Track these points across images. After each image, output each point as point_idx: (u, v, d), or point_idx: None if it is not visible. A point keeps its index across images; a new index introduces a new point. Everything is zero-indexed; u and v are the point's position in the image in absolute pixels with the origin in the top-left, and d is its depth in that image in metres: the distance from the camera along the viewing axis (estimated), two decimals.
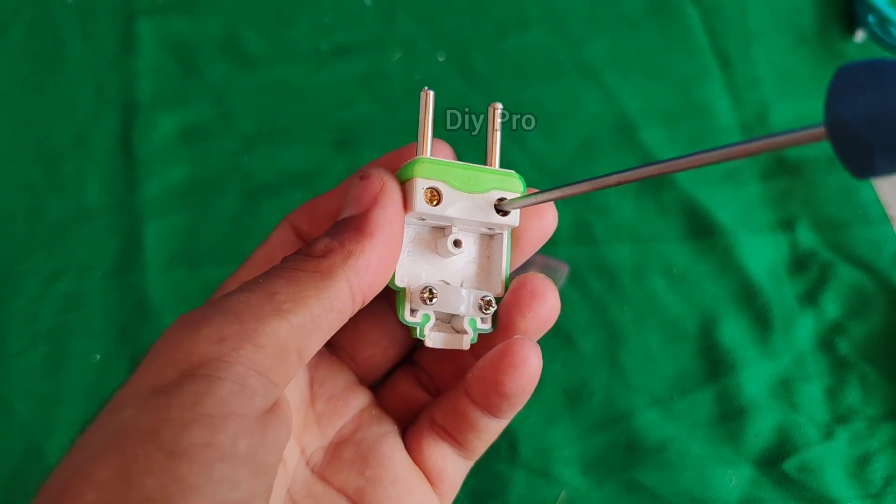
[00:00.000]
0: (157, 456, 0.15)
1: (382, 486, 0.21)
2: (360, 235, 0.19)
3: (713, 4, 0.48)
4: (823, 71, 0.47)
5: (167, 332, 0.17)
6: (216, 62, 0.47)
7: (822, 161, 0.44)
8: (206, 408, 0.16)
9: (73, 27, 0.47)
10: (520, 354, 0.20)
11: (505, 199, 0.21)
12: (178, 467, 0.15)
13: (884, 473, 0.38)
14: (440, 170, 0.21)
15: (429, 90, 0.21)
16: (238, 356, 0.16)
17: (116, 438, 0.15)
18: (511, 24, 0.48)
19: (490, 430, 0.22)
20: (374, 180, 0.20)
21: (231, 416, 0.16)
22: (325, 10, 0.48)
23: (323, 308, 0.18)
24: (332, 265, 0.18)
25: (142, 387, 0.16)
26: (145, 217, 0.43)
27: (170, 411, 0.15)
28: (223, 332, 0.16)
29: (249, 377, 0.16)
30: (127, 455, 0.15)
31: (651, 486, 0.38)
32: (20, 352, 0.40)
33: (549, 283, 0.22)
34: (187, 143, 0.45)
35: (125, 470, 0.15)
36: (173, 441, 0.15)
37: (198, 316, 0.17)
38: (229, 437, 0.16)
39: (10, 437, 0.39)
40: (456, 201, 0.21)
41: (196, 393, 0.16)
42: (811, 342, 0.41)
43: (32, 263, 0.42)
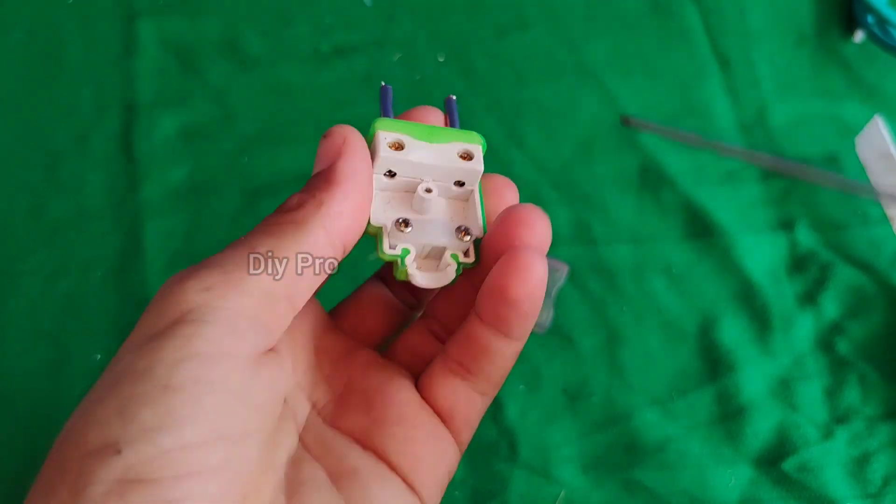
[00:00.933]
0: (153, 391, 0.16)
1: (387, 425, 0.21)
2: (329, 184, 0.20)
3: (712, 5, 0.48)
4: (823, 71, 0.47)
5: (158, 291, 0.18)
6: (216, 62, 0.47)
7: (821, 161, 0.44)
8: (196, 347, 0.17)
9: (74, 28, 0.48)
10: (524, 258, 0.20)
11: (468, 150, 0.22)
12: (172, 400, 0.16)
13: (883, 473, 0.38)
14: (401, 126, 0.22)
15: (387, 85, 0.23)
16: (225, 302, 0.17)
17: (116, 382, 0.17)
18: (510, 24, 0.48)
19: (503, 354, 0.22)
20: (335, 136, 0.21)
21: (221, 355, 0.17)
22: (326, 11, 0.48)
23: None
24: (307, 214, 0.19)
25: (137, 338, 0.18)
26: (146, 217, 0.43)
27: (162, 352, 0.17)
28: (209, 281, 0.18)
29: (238, 321, 0.17)
30: (124, 393, 0.16)
31: (650, 485, 0.38)
32: (20, 352, 0.40)
33: (539, 209, 0.21)
34: (188, 143, 0.45)
35: (123, 406, 0.16)
36: (167, 377, 0.16)
37: (185, 272, 0.18)
38: (220, 373, 0.17)
39: (10, 437, 0.39)
40: (418, 149, 0.21)
41: (186, 335, 0.17)
42: (810, 342, 0.41)
43: (33, 263, 0.42)
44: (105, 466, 0.15)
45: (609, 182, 0.44)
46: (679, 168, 0.44)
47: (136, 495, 0.15)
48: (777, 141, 0.45)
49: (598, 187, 0.44)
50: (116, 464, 0.15)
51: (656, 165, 0.44)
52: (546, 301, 0.40)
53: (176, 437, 0.16)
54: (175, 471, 0.16)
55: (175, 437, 0.16)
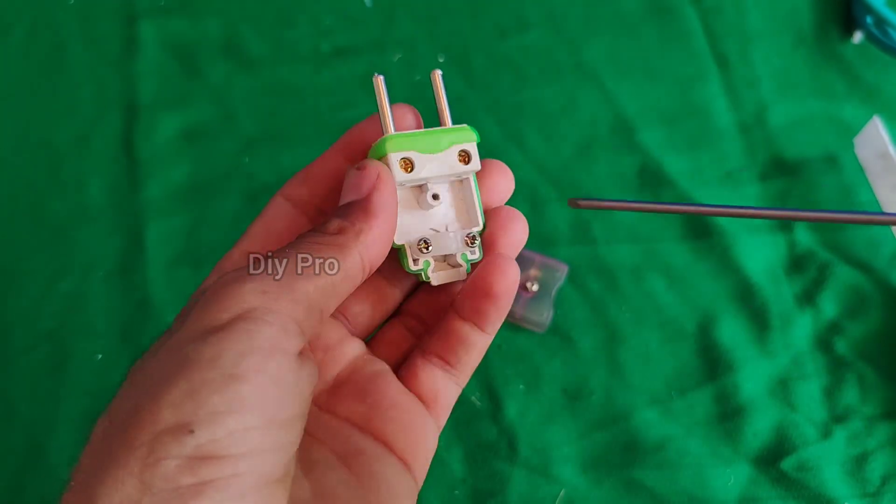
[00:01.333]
0: (221, 379, 0.18)
1: (383, 410, 0.24)
2: (367, 215, 0.23)
3: (712, 6, 0.48)
4: (821, 72, 0.47)
5: (216, 287, 0.20)
6: (217, 63, 0.47)
7: (820, 162, 0.44)
8: (258, 342, 0.19)
9: (75, 29, 0.48)
10: (503, 262, 0.24)
11: (465, 150, 0.26)
12: (239, 387, 0.18)
13: (881, 472, 0.38)
14: (407, 141, 0.25)
15: (378, 76, 0.25)
16: (279, 306, 0.20)
17: (183, 366, 0.18)
18: (510, 25, 0.48)
19: (477, 346, 0.25)
20: (370, 171, 0.23)
21: (279, 350, 0.19)
22: (326, 12, 0.48)
23: (341, 276, 0.22)
24: (347, 241, 0.22)
25: (198, 328, 0.19)
26: (147, 217, 0.43)
27: (229, 344, 0.19)
28: (266, 286, 0.20)
29: (288, 323, 0.20)
30: (194, 379, 0.18)
31: (650, 484, 0.38)
32: (22, 351, 0.41)
33: (518, 212, 0.26)
34: (188, 143, 0.45)
35: (194, 390, 0.18)
36: (233, 366, 0.18)
37: (242, 273, 0.21)
38: (278, 366, 0.19)
39: (12, 436, 0.39)
40: (426, 163, 0.25)
41: (249, 331, 0.19)
42: (809, 342, 0.41)
43: (35, 263, 0.42)
44: (178, 444, 0.17)
45: (609, 182, 0.44)
46: (678, 168, 0.44)
47: (206, 469, 0.17)
48: (776, 141, 0.45)
49: (598, 187, 0.44)
50: (189, 442, 0.17)
51: (656, 165, 0.44)
52: (546, 301, 0.40)
53: (241, 420, 0.18)
54: (239, 449, 0.18)
55: (240, 421, 0.18)
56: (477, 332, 0.25)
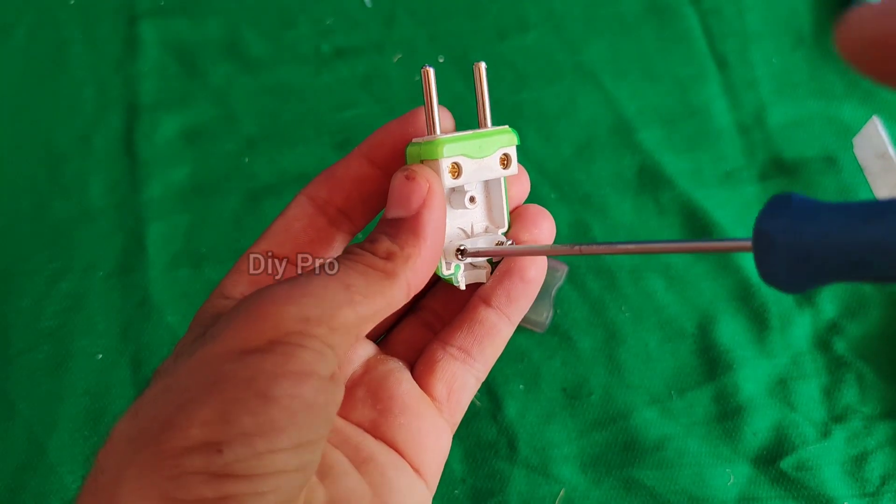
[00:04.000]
0: (254, 400, 0.18)
1: (393, 416, 0.24)
2: (416, 238, 0.22)
3: (711, 6, 0.49)
4: (821, 72, 0.47)
5: (254, 305, 0.20)
6: (218, 64, 0.47)
7: (819, 162, 0.45)
8: (293, 366, 0.19)
9: (76, 29, 0.48)
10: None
11: (507, 153, 0.25)
12: (271, 410, 0.18)
13: (880, 472, 0.38)
14: (457, 146, 0.24)
15: (428, 67, 0.24)
16: (317, 332, 0.20)
17: (217, 384, 0.18)
18: (510, 26, 0.48)
19: (503, 335, 0.25)
20: (420, 182, 0.22)
21: (313, 375, 0.19)
22: (326, 13, 0.48)
23: (385, 303, 0.21)
24: (396, 267, 0.22)
25: (234, 347, 0.19)
26: (148, 217, 0.43)
27: (264, 366, 0.19)
28: (307, 312, 0.20)
29: (325, 349, 0.20)
30: (227, 398, 0.18)
31: (649, 484, 0.38)
32: (23, 351, 0.41)
33: (545, 210, 0.26)
34: (189, 143, 0.45)
35: (226, 410, 0.18)
36: (267, 389, 0.18)
37: (283, 293, 0.20)
38: (311, 391, 0.19)
39: (12, 435, 0.39)
40: (472, 168, 0.24)
41: (285, 354, 0.19)
42: (808, 342, 0.41)
43: (36, 263, 0.42)
44: (206, 462, 0.17)
45: (608, 182, 0.44)
46: (678, 168, 0.44)
47: (229, 486, 0.18)
48: (775, 141, 0.45)
49: (598, 188, 0.44)
50: (216, 461, 0.17)
51: (655, 166, 0.44)
52: (545, 300, 0.40)
53: (270, 442, 0.18)
54: (265, 469, 0.18)
55: (270, 443, 0.18)
56: (504, 320, 0.25)
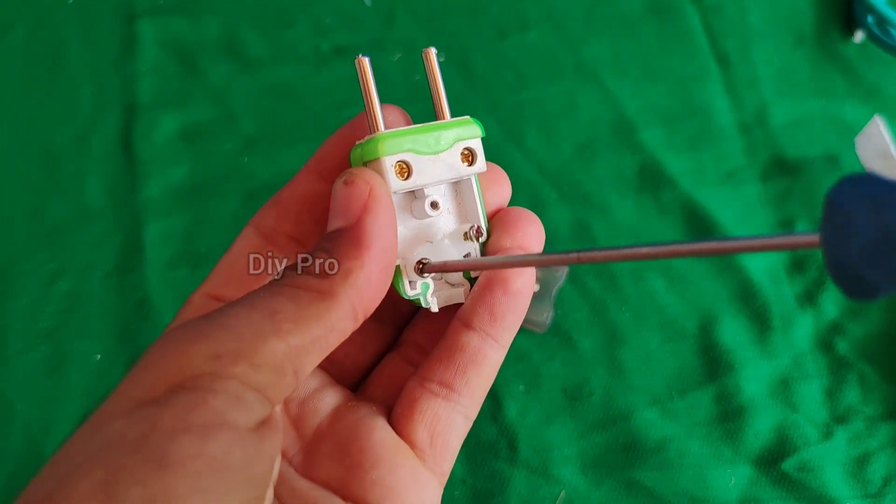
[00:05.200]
0: (145, 466, 0.14)
1: (364, 471, 0.20)
2: (357, 249, 0.18)
3: (712, 5, 0.48)
4: (822, 71, 0.47)
5: (157, 345, 0.17)
6: (217, 63, 0.47)
7: (821, 161, 0.44)
8: (197, 418, 0.15)
9: (74, 28, 0.48)
10: (520, 251, 0.20)
11: (468, 148, 0.21)
12: (167, 478, 0.14)
13: (883, 473, 0.38)
14: (402, 141, 0.20)
15: (363, 57, 0.22)
16: (233, 372, 0.16)
17: (102, 450, 0.15)
18: (510, 25, 0.48)
19: (490, 361, 0.21)
20: (360, 185, 0.19)
21: (224, 427, 0.15)
22: (326, 11, 0.48)
23: (323, 329, 0.17)
24: (333, 285, 0.18)
25: (130, 398, 0.16)
26: (146, 217, 0.43)
27: (160, 421, 0.15)
28: (220, 348, 0.16)
29: (245, 392, 0.16)
30: (112, 466, 0.15)
31: (650, 485, 0.38)
32: (21, 351, 0.40)
33: (530, 213, 0.21)
34: (188, 143, 0.45)
35: (110, 481, 0.14)
36: (162, 451, 0.15)
37: (193, 330, 0.17)
38: (222, 447, 0.15)
39: (10, 437, 0.39)
40: (426, 166, 0.20)
41: (188, 403, 0.15)
42: (810, 342, 0.41)
43: (33, 264, 0.42)
44: None
45: (609, 182, 0.44)
46: (679, 168, 0.44)
47: None
48: (777, 141, 0.45)
49: (598, 187, 0.44)
50: None
51: (656, 165, 0.44)
52: (546, 301, 0.40)
53: None
54: None
55: None
56: (489, 344, 0.20)
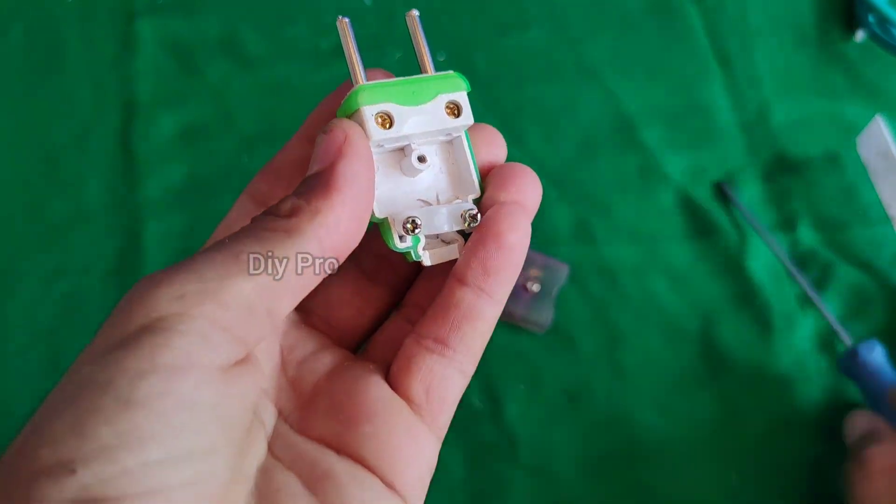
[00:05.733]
0: (113, 406, 0.15)
1: (358, 425, 0.20)
2: (327, 190, 0.18)
3: (713, 4, 0.48)
4: (824, 71, 0.47)
5: (128, 294, 0.17)
6: (216, 62, 0.47)
7: (822, 161, 0.44)
8: (164, 358, 0.15)
9: (73, 27, 0.47)
10: (514, 210, 0.20)
11: (453, 101, 0.21)
12: (135, 416, 0.15)
13: None
14: (383, 91, 0.21)
15: (343, 18, 0.22)
16: (199, 311, 0.16)
17: (72, 394, 0.16)
18: (511, 23, 0.48)
19: (485, 317, 0.20)
20: (336, 133, 0.19)
21: (192, 367, 0.16)
22: (325, 10, 0.48)
23: (293, 269, 0.17)
24: (300, 223, 0.18)
25: (99, 345, 0.16)
26: (145, 217, 0.43)
27: (126, 363, 0.15)
28: (184, 289, 0.16)
29: (212, 332, 0.16)
30: (82, 408, 0.15)
31: (651, 485, 0.38)
32: (20, 352, 0.40)
33: (526, 168, 0.21)
34: (187, 142, 0.45)
35: (79, 422, 0.15)
36: (129, 391, 0.15)
37: (158, 275, 0.17)
38: (189, 386, 0.16)
39: (8, 438, 0.39)
40: (408, 117, 0.21)
41: (153, 345, 0.16)
42: (811, 342, 0.41)
43: (32, 263, 0.42)
44: (57, 486, 0.14)
45: (610, 182, 0.44)
46: (680, 168, 0.44)
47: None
48: (778, 140, 0.45)
49: (599, 187, 0.44)
50: (70, 484, 0.14)
51: (657, 165, 0.44)
52: (546, 301, 0.40)
53: (138, 454, 0.15)
54: (137, 489, 0.15)
55: (137, 455, 0.15)
56: (483, 299, 0.20)
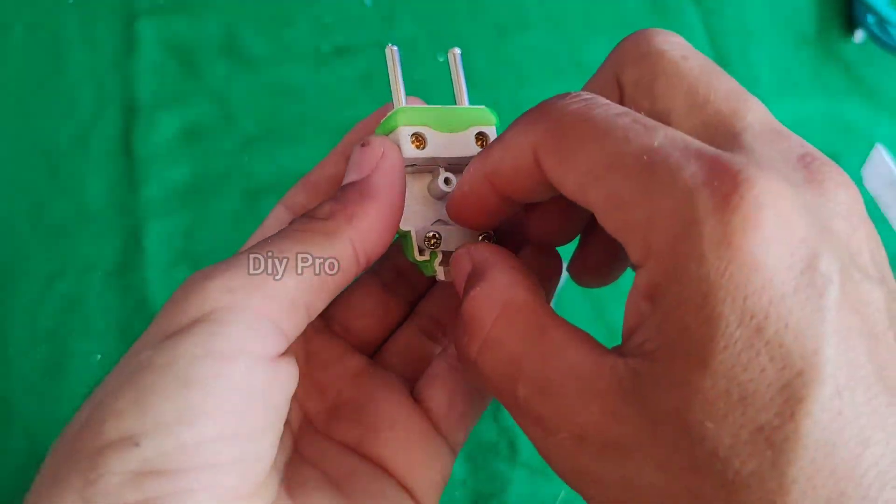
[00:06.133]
0: (172, 385, 0.16)
1: (380, 431, 0.21)
2: (363, 198, 0.20)
3: (712, 5, 0.48)
4: (823, 71, 0.47)
5: (180, 287, 0.18)
6: (216, 62, 0.47)
7: None
8: (217, 345, 0.17)
9: (74, 27, 0.47)
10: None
11: (483, 132, 0.24)
12: (193, 395, 0.16)
13: None
14: (422, 115, 0.23)
15: (392, 46, 0.24)
16: (248, 303, 0.17)
17: (133, 374, 0.17)
18: (511, 24, 0.48)
19: None
20: (374, 147, 0.21)
21: (242, 354, 0.17)
22: (326, 11, 0.48)
23: (329, 267, 0.19)
24: (337, 226, 0.19)
25: (156, 333, 0.18)
26: (146, 217, 0.43)
27: (183, 348, 0.17)
28: (233, 283, 0.18)
29: (260, 322, 0.18)
30: (142, 386, 0.16)
31: None
32: (21, 352, 0.40)
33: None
34: (188, 143, 0.45)
35: (141, 399, 0.16)
36: (186, 372, 0.16)
37: (209, 270, 0.18)
38: (241, 372, 0.17)
39: (10, 438, 0.39)
40: (441, 142, 0.22)
41: (207, 333, 0.17)
42: None
43: (33, 264, 0.42)
44: (122, 458, 0.16)
45: None
46: None
47: (152, 485, 0.16)
48: None
49: None
50: (134, 456, 0.16)
51: None
52: None
53: (194, 431, 0.16)
54: (191, 463, 0.16)
55: (193, 432, 0.16)
56: None
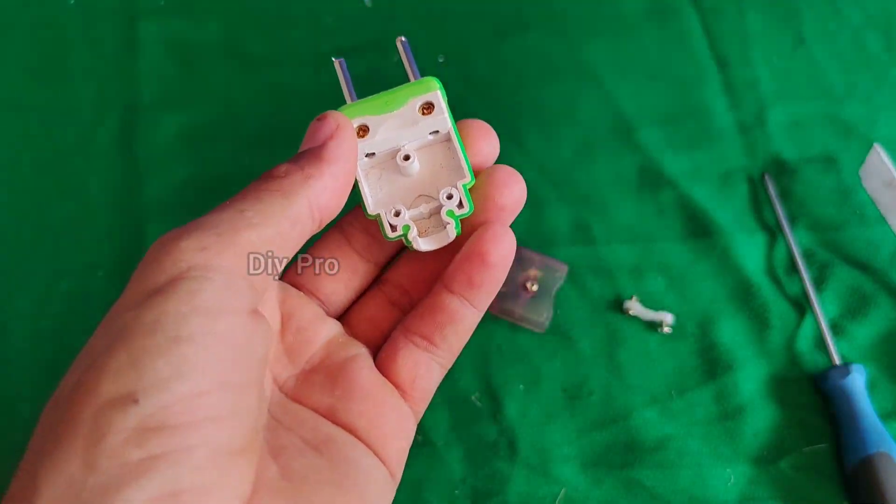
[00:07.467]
0: (164, 343, 0.16)
1: (352, 402, 0.22)
2: (319, 161, 0.21)
3: (711, 6, 0.48)
4: (821, 72, 0.47)
5: (150, 250, 0.19)
6: (217, 64, 0.47)
7: (819, 162, 0.44)
8: (203, 302, 0.17)
9: (76, 29, 0.48)
10: (498, 230, 0.22)
11: (428, 102, 0.24)
12: (186, 350, 0.17)
13: None
14: (358, 108, 0.24)
15: (337, 59, 0.25)
16: (222, 260, 0.18)
17: (122, 334, 0.17)
18: (510, 26, 0.48)
19: (466, 323, 0.23)
20: (329, 120, 0.22)
21: (224, 310, 0.18)
22: (326, 13, 0.48)
23: (288, 223, 0.20)
24: (293, 184, 0.20)
25: (136, 293, 0.18)
26: (147, 217, 0.43)
27: (168, 305, 0.17)
28: (204, 242, 0.18)
29: (234, 279, 0.18)
30: (135, 345, 0.17)
31: (649, 484, 0.38)
32: (23, 351, 0.41)
33: (513, 170, 0.24)
34: (189, 144, 0.45)
35: (135, 357, 0.16)
36: (176, 329, 0.17)
37: (177, 231, 0.19)
38: (226, 326, 0.17)
39: (13, 437, 0.39)
40: (381, 124, 0.23)
41: (191, 291, 0.17)
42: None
43: (36, 263, 0.42)
44: (123, 416, 0.16)
45: (608, 183, 0.44)
46: (678, 168, 0.44)
47: (155, 441, 0.16)
48: (775, 141, 0.45)
49: (598, 188, 0.44)
50: (135, 413, 0.16)
51: (655, 166, 0.44)
52: (545, 300, 0.40)
53: (190, 384, 0.16)
54: (190, 417, 0.16)
55: (190, 385, 0.16)
56: (466, 307, 0.23)
